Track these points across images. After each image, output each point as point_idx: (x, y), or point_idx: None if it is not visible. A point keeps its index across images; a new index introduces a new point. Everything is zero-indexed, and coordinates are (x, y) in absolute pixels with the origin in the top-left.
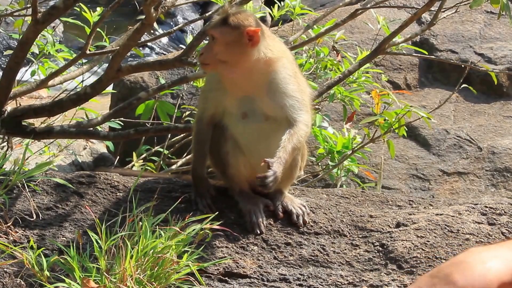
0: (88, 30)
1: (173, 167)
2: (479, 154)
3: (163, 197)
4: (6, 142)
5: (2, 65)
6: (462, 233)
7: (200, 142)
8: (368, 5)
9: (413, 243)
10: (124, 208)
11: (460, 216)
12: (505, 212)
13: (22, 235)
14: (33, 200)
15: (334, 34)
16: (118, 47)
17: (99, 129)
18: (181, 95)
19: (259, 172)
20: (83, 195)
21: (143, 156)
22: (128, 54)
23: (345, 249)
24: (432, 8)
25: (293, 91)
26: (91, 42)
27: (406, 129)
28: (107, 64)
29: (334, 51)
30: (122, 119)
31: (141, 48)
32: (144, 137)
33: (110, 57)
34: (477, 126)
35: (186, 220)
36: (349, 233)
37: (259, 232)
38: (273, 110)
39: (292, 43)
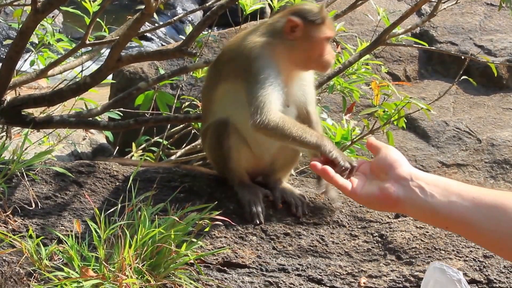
0: (87, 20)
1: (173, 157)
2: (478, 146)
3: (162, 186)
4: (5, 132)
5: (2, 55)
6: None
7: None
8: None
9: (412, 234)
10: (123, 198)
11: None
12: None
13: (21, 224)
14: (32, 189)
15: (334, 25)
16: (118, 37)
17: (99, 119)
18: (180, 85)
19: (262, 164)
20: (82, 184)
21: (142, 146)
22: (128, 44)
23: (344, 240)
24: (432, 0)
25: (312, 82)
26: (91, 32)
27: (406, 121)
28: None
29: (334, 43)
30: (121, 109)
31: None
32: (143, 128)
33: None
34: (476, 118)
35: (185, 209)
36: (348, 224)
37: (258, 222)
38: (297, 99)
39: None
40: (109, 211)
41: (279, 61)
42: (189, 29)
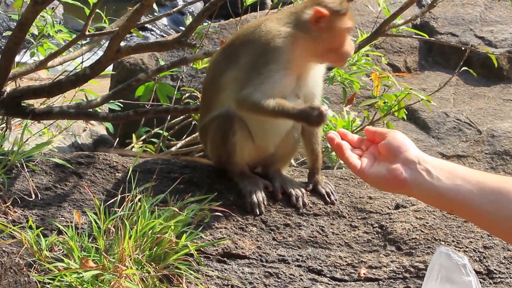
0: (87, 11)
1: (173, 148)
2: (479, 137)
3: (162, 177)
4: (5, 123)
5: (3, 46)
6: None
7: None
8: None
9: (412, 225)
10: (123, 189)
11: None
12: None
13: (21, 215)
14: (32, 180)
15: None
16: (118, 28)
17: (99, 110)
18: (180, 77)
19: (263, 154)
20: (82, 176)
21: (143, 138)
22: (128, 36)
23: (344, 231)
24: None
25: (322, 75)
26: (91, 23)
27: (406, 112)
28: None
29: None
30: (121, 100)
31: (141, 31)
32: (143, 119)
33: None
34: (476, 109)
35: (185, 200)
36: (348, 215)
37: (259, 213)
38: (308, 92)
39: None
40: (109, 202)
41: (297, 54)
42: (189, 20)
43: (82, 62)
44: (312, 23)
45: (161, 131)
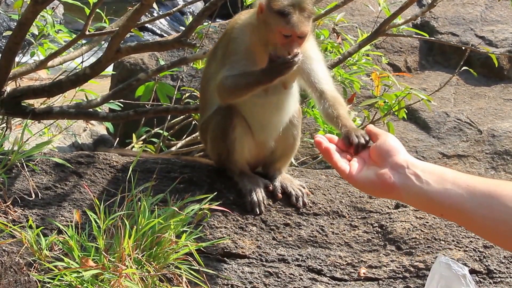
0: (87, 11)
1: (173, 148)
2: (479, 137)
3: (162, 177)
4: (5, 123)
5: (3, 46)
6: None
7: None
8: None
9: (412, 224)
10: (123, 188)
11: None
12: None
13: (21, 214)
14: (32, 180)
15: (334, 16)
16: (118, 28)
17: (99, 110)
18: (181, 77)
19: (263, 151)
20: (82, 175)
21: (143, 137)
22: (128, 36)
23: (344, 230)
24: None
25: (319, 59)
26: (91, 23)
27: (406, 112)
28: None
29: (335, 34)
30: (121, 100)
31: (142, 31)
32: (143, 119)
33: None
34: (477, 109)
35: (185, 200)
36: (348, 214)
37: (259, 212)
38: (301, 80)
39: None
40: (108, 202)
41: (255, 42)
42: (189, 20)
43: (82, 62)
44: (257, 13)
45: (161, 131)
